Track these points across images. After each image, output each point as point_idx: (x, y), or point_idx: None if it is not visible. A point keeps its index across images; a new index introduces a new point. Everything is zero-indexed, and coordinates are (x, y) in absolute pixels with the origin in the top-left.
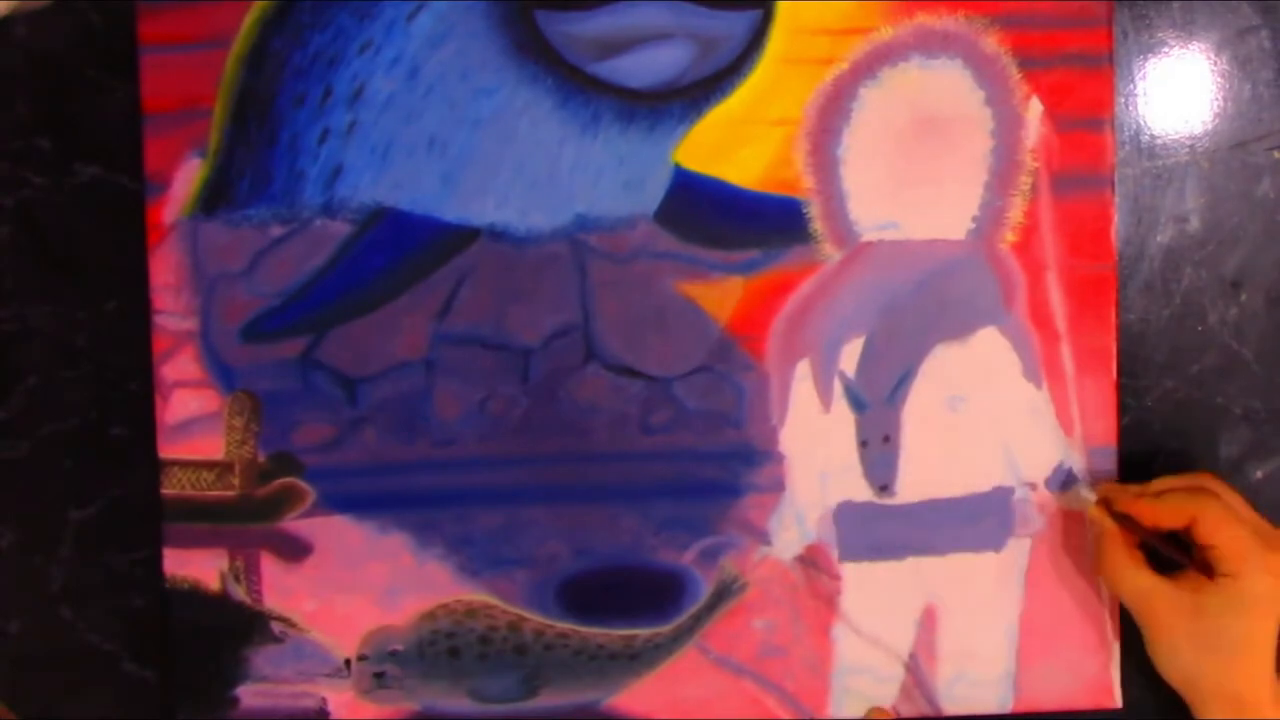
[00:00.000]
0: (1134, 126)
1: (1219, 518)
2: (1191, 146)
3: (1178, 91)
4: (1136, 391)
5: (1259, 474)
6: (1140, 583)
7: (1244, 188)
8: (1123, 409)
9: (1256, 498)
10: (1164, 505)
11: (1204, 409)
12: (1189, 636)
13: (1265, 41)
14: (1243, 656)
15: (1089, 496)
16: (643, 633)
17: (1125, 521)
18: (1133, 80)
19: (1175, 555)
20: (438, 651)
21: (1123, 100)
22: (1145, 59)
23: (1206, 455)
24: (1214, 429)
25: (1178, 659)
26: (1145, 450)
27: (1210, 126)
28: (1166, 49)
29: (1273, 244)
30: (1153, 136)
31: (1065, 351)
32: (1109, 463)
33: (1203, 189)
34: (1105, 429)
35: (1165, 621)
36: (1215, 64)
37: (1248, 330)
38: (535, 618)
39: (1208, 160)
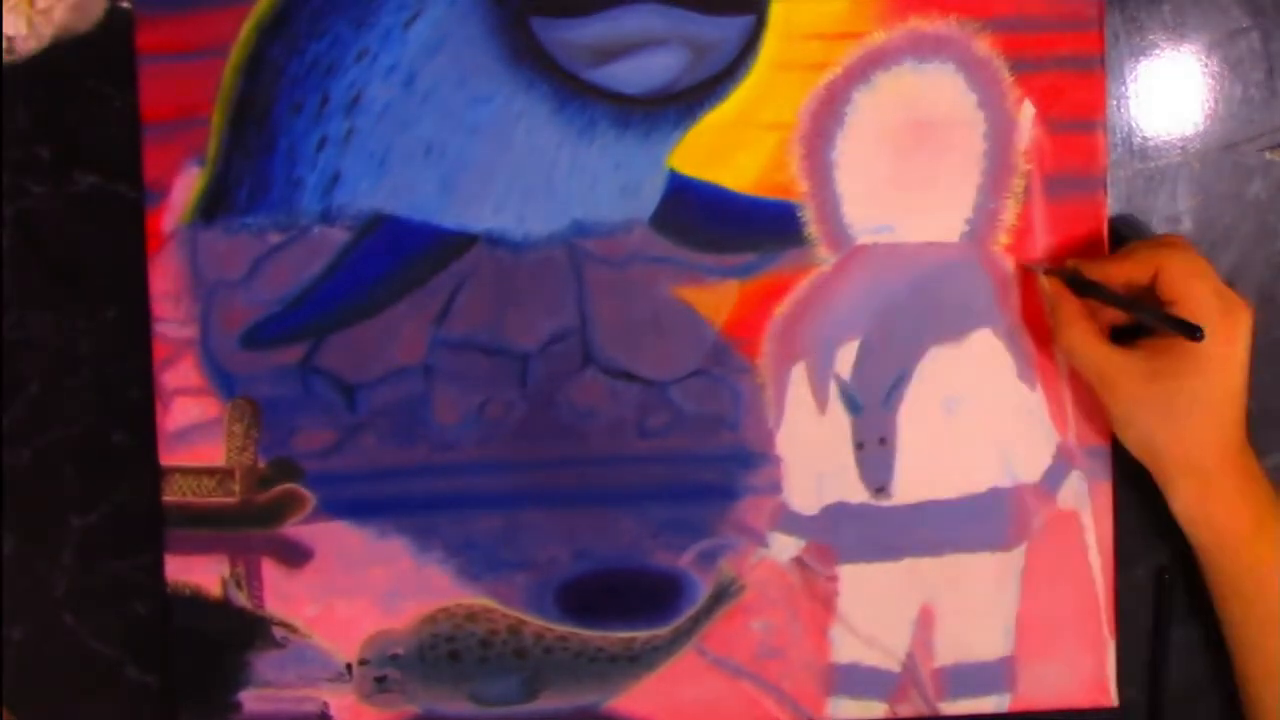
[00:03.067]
0: (1126, 128)
1: (1184, 271)
2: (1183, 148)
3: (1169, 93)
4: None
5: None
6: (1095, 352)
7: (1235, 189)
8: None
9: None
10: (1129, 259)
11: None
12: (1146, 402)
13: (1255, 43)
14: (1200, 420)
15: (1040, 272)
16: (641, 635)
17: (1090, 293)
18: (1124, 82)
19: (1150, 318)
20: (438, 655)
21: (1114, 102)
22: (1136, 61)
23: None
24: None
25: (1136, 426)
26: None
27: (1201, 128)
28: (1157, 51)
29: (1264, 244)
30: (1144, 138)
31: (1059, 353)
32: (1103, 463)
33: (1194, 190)
34: (1099, 429)
35: (1123, 388)
36: (1206, 65)
37: None
38: (535, 621)
39: (1199, 161)
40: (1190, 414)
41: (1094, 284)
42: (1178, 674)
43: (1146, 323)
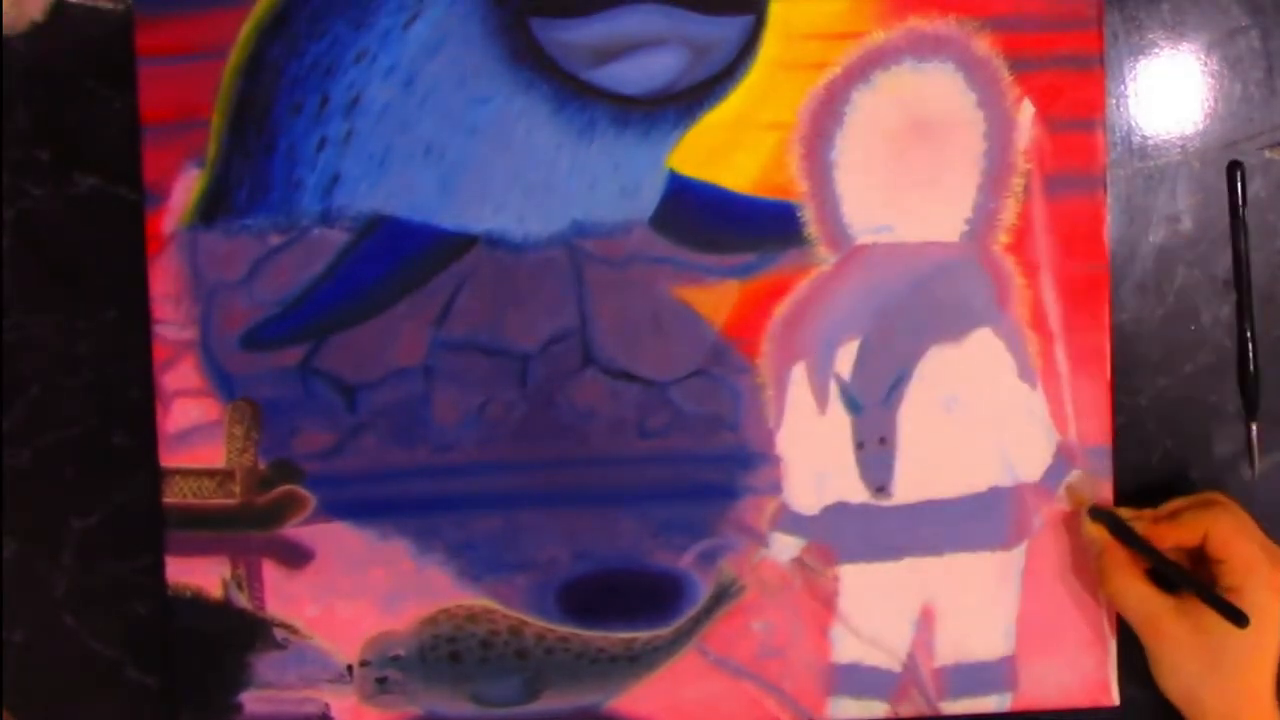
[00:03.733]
0: (1125, 127)
1: (1231, 530)
2: (1183, 147)
3: (1168, 92)
4: (1130, 391)
5: (1249, 474)
6: (1145, 598)
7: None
8: (1117, 408)
9: (1251, 496)
10: (1177, 523)
11: (1198, 408)
12: (1191, 653)
13: (1255, 42)
14: (1244, 675)
15: (1085, 514)
16: (642, 635)
17: (1136, 546)
18: (1124, 81)
19: (1200, 596)
20: (439, 656)
21: (1114, 101)
22: (1136, 60)
23: (1201, 454)
24: (1208, 428)
25: (1179, 676)
26: (1140, 450)
27: (1201, 127)
28: (1157, 50)
29: (1264, 243)
30: (1144, 137)
31: (1059, 352)
32: (1104, 462)
33: (1194, 189)
34: (1100, 428)
35: (1169, 637)
36: (1205, 65)
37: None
38: (536, 621)
39: (1199, 160)
40: (1235, 669)
41: (1142, 541)
42: None
43: (1200, 598)
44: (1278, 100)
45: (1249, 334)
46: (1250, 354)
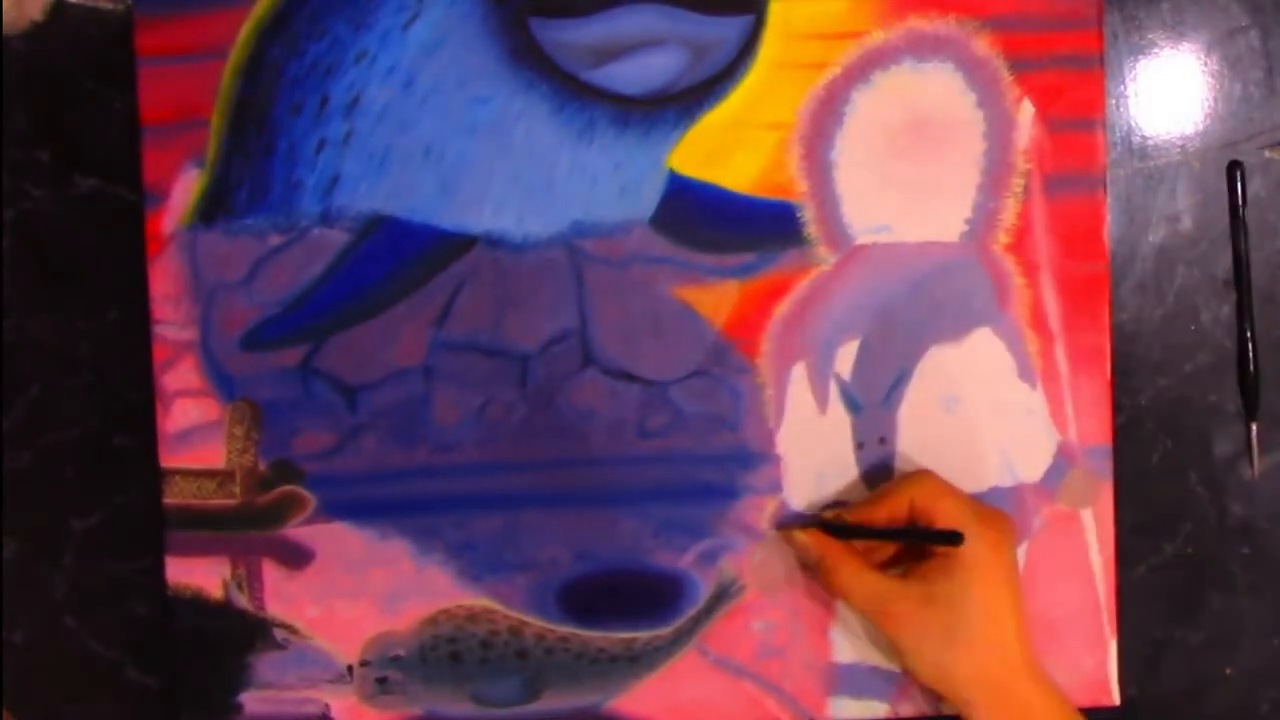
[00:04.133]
0: (1125, 127)
1: (933, 492)
2: (1182, 146)
3: (1168, 92)
4: (1130, 391)
5: (1251, 474)
6: (870, 586)
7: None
8: (1117, 408)
9: (1252, 495)
10: (883, 500)
11: (1197, 408)
12: (926, 627)
13: (1254, 41)
14: (984, 637)
15: (792, 532)
16: (643, 635)
17: (854, 535)
18: (1123, 81)
19: (913, 538)
20: (439, 656)
21: (1114, 101)
22: (1135, 60)
23: (1201, 454)
24: (1208, 427)
25: (923, 655)
26: (1140, 449)
27: (1201, 126)
28: (1156, 50)
29: (1264, 243)
30: (1144, 137)
31: (1059, 351)
32: (1104, 462)
33: (1194, 189)
34: (1100, 428)
35: (905, 619)
36: (1205, 64)
37: (1242, 329)
38: (536, 622)
39: (1199, 160)
40: (970, 629)
41: (854, 526)
42: (1178, 674)
43: (912, 542)
44: (1277, 100)
45: (1249, 334)
46: (1250, 354)
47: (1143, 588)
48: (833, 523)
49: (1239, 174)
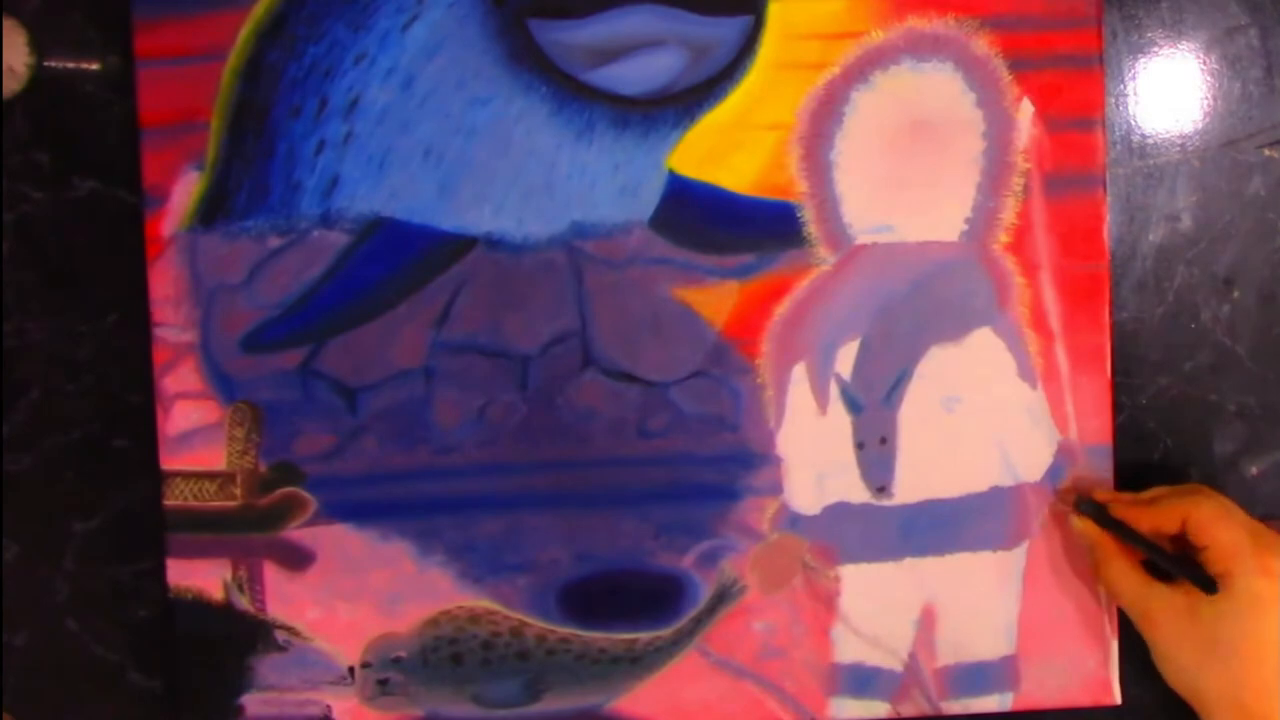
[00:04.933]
0: (1125, 126)
1: (1212, 516)
2: (1182, 145)
3: (1168, 91)
4: (1131, 390)
5: (1254, 470)
6: (1138, 587)
7: (1235, 186)
8: (1117, 407)
9: (1252, 494)
10: (1158, 508)
11: (1198, 406)
12: (1188, 641)
13: (1254, 40)
14: (1243, 661)
15: (1073, 510)
16: (644, 636)
17: (1117, 531)
18: (1123, 80)
19: (1169, 566)
20: (441, 658)
21: (1113, 100)
22: (1135, 58)
23: (1201, 452)
24: (1208, 426)
25: (1179, 666)
26: (1140, 449)
27: (1200, 125)
28: (1156, 48)
29: (1264, 241)
30: (1143, 136)
31: (1059, 351)
32: (1105, 462)
33: (1194, 187)
34: (1100, 428)
35: (1165, 627)
36: (1204, 63)
37: (1240, 327)
38: (537, 623)
39: (1198, 159)
40: (1233, 656)
41: (1120, 523)
42: None
43: (1168, 569)
44: (1277, 98)
45: None
46: None
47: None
48: (1104, 514)
49: None
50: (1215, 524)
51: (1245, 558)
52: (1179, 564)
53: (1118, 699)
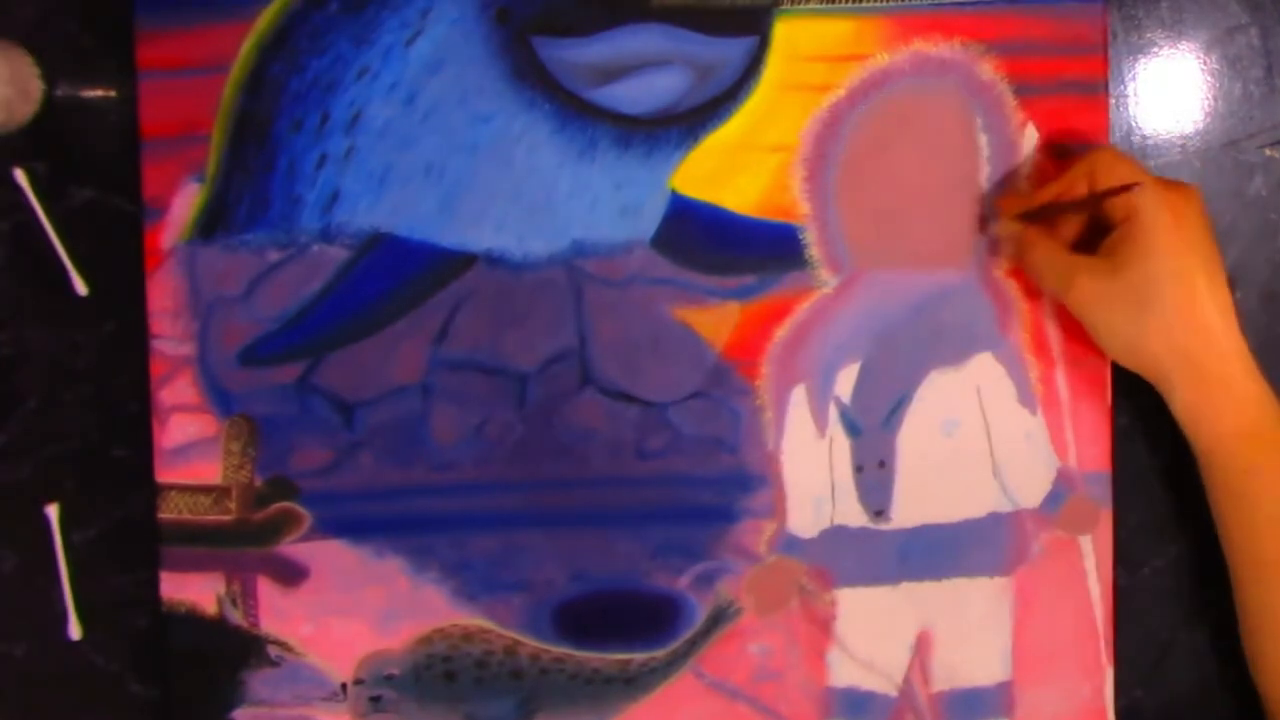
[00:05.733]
0: (1125, 127)
1: (1113, 159)
2: (1183, 145)
3: (1168, 91)
4: (1132, 391)
5: None
6: (1062, 265)
7: (1236, 186)
8: (1119, 408)
9: None
10: (1065, 176)
11: None
12: (1118, 301)
13: (1254, 40)
14: (1174, 300)
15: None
16: (638, 657)
17: (1038, 216)
18: (1123, 81)
19: (1087, 206)
20: (434, 675)
21: (1114, 101)
22: (1135, 59)
23: None
24: None
25: (1115, 329)
26: (1143, 451)
27: (1201, 125)
28: (1156, 49)
29: (1266, 242)
30: (1144, 136)
31: (1060, 377)
32: (1104, 489)
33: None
34: (1099, 454)
35: (1090, 292)
36: (1205, 63)
37: (1244, 327)
38: (531, 642)
39: (1199, 159)
40: (1162, 298)
41: (1040, 207)
42: (1183, 676)
43: (1095, 206)
44: (1278, 98)
45: None
46: None
47: (1147, 589)
48: (1022, 211)
49: None
50: (1116, 166)
51: (1149, 191)
52: (1101, 193)
53: None
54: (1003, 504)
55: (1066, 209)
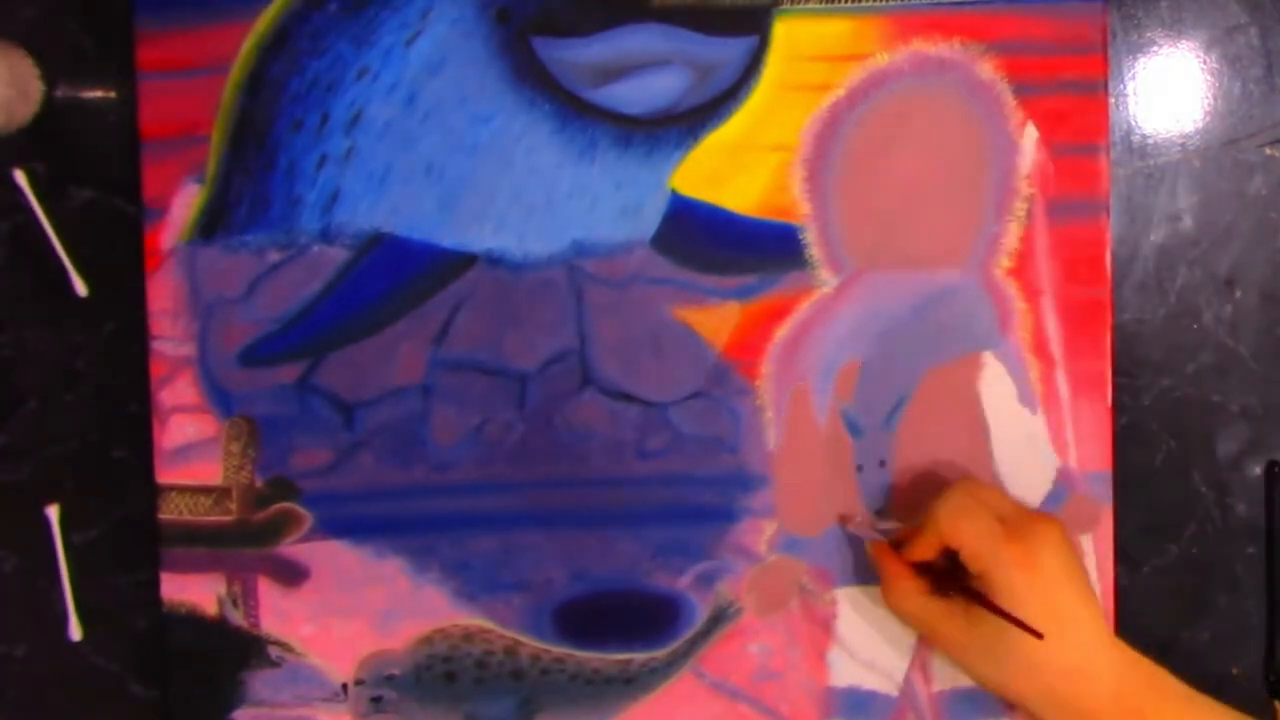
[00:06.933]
0: (1125, 126)
1: (954, 514)
2: (1183, 145)
3: (1168, 90)
4: (1133, 391)
5: (1257, 470)
6: (915, 606)
7: (1236, 185)
8: (1119, 409)
9: (1254, 494)
10: (919, 531)
11: (1201, 407)
12: (974, 649)
13: (1254, 39)
14: (1028, 657)
15: (869, 534)
16: (638, 657)
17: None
18: (1123, 80)
19: (964, 593)
20: (434, 676)
21: (1114, 100)
22: (1135, 58)
23: (1204, 454)
24: (1211, 427)
25: (981, 674)
26: (1143, 451)
27: (1201, 124)
28: (1156, 48)
29: (1266, 241)
30: (1143, 136)
31: (1060, 377)
32: (1104, 488)
33: (1195, 187)
34: (1100, 454)
35: (951, 639)
36: (1205, 62)
37: (1243, 327)
38: (531, 642)
39: (1199, 158)
40: (1019, 649)
41: (923, 565)
42: (1185, 675)
43: (993, 610)
44: (1277, 97)
45: (1273, 596)
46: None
47: (1148, 589)
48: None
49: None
50: (959, 524)
51: (992, 552)
52: (1001, 613)
53: None
54: None
55: (965, 595)
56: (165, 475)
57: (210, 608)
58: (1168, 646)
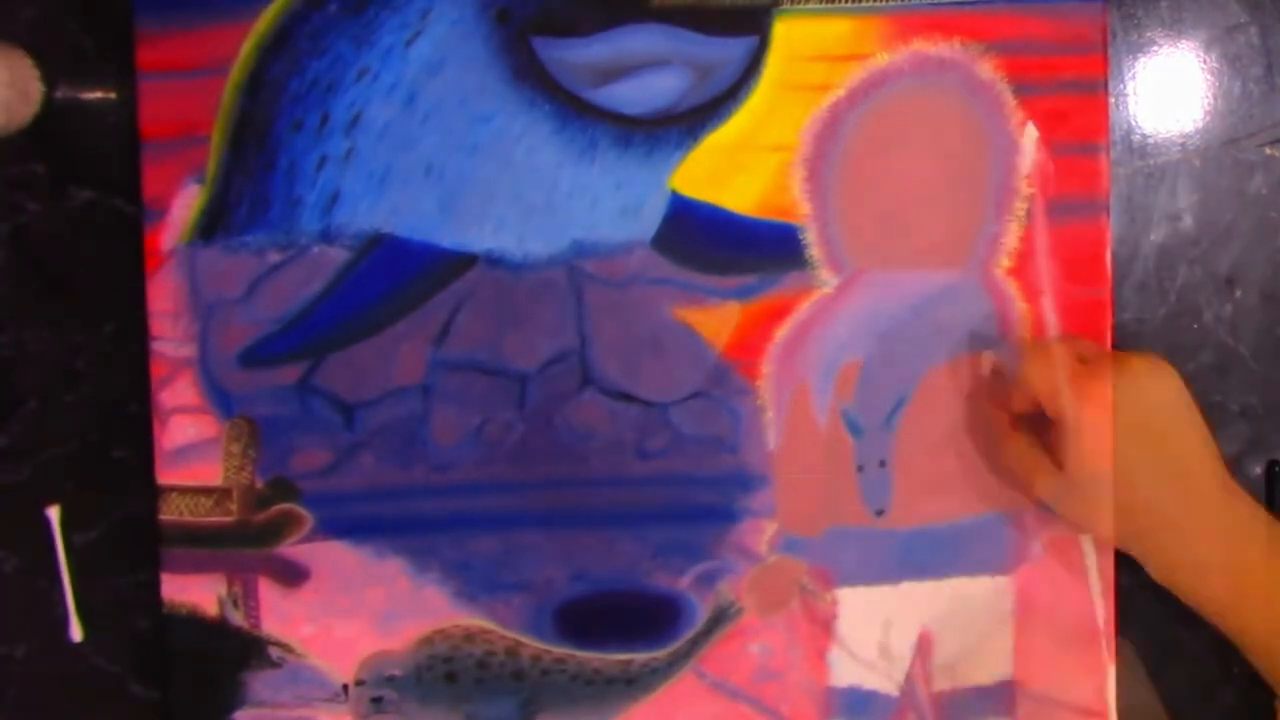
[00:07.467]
0: (1125, 126)
1: (1032, 365)
2: (1183, 144)
3: (1168, 90)
4: None
5: (1258, 470)
6: (1024, 463)
7: (1236, 185)
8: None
9: (1254, 494)
10: (1015, 388)
11: (1201, 407)
12: (1071, 497)
13: (1254, 38)
14: (1121, 500)
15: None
16: (639, 657)
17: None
18: (1123, 79)
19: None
20: (435, 676)
21: (1113, 100)
22: (1134, 58)
23: None
24: (1212, 427)
25: (1083, 522)
26: None
27: (1201, 124)
28: (1156, 47)
29: (1266, 240)
30: (1143, 135)
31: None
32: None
33: (1195, 187)
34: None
35: (1050, 495)
36: (1204, 62)
37: (1243, 327)
38: (532, 642)
39: (1199, 158)
40: (1108, 495)
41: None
42: (1185, 675)
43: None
44: (1277, 97)
45: None
46: None
47: (1148, 589)
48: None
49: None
50: (1037, 374)
51: (1066, 393)
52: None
53: None
54: (1003, 503)
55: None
56: (166, 476)
57: (211, 608)
58: (1168, 646)
